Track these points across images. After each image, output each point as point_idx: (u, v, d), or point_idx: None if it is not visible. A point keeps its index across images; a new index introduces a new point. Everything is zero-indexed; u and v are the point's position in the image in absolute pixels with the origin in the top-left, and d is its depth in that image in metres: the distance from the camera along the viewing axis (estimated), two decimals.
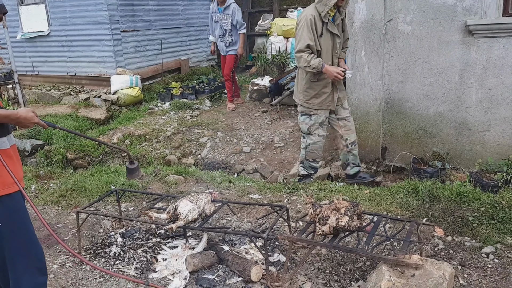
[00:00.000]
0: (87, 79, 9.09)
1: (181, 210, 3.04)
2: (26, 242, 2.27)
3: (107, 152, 6.26)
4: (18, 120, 2.19)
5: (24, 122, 2.20)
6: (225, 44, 7.23)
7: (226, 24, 7.08)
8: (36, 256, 2.33)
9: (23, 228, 2.25)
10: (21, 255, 2.24)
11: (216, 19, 7.17)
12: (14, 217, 2.20)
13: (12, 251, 2.21)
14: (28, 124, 2.23)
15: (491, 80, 4.26)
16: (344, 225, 2.68)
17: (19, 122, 2.21)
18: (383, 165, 4.94)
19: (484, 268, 2.87)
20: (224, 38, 7.21)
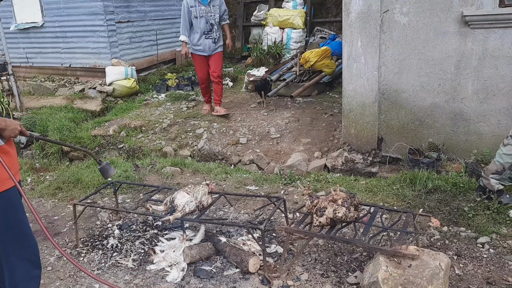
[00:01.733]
0: (82, 71, 9.02)
1: (178, 202, 3.05)
2: (20, 235, 2.28)
3: (103, 144, 6.24)
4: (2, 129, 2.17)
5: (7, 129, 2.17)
6: (213, 41, 6.35)
7: (213, 17, 6.28)
8: (29, 249, 2.34)
9: (17, 220, 2.26)
10: (15, 247, 2.25)
11: (199, 14, 6.22)
12: (8, 211, 2.21)
13: (6, 244, 2.22)
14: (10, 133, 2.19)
15: (487, 71, 4.26)
16: (341, 216, 2.69)
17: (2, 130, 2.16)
18: (379, 156, 4.96)
19: (480, 258, 2.90)
20: (211, 33, 6.31)
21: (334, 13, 10.34)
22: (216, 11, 6.29)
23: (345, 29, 4.77)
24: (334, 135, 5.66)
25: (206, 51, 6.35)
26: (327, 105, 6.72)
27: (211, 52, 6.37)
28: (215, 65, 6.42)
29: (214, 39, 6.33)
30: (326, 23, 10.33)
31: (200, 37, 6.28)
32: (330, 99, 7.04)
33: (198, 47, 6.33)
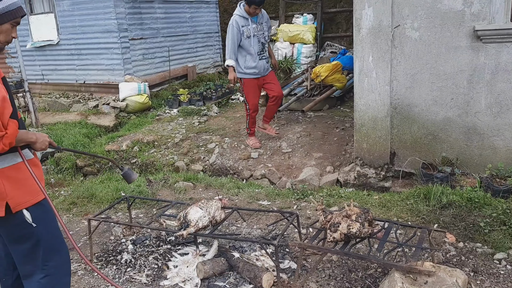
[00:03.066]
0: (96, 87, 9.17)
1: (191, 217, 3.06)
2: (58, 242, 2.37)
3: (117, 159, 6.31)
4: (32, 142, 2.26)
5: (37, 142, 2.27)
6: (267, 60, 5.79)
7: (263, 35, 5.73)
8: (65, 256, 2.43)
9: (55, 228, 2.36)
10: (54, 254, 2.34)
11: (253, 33, 5.60)
12: (47, 219, 2.31)
13: (46, 250, 2.29)
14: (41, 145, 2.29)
15: (500, 85, 4.25)
16: (355, 232, 2.68)
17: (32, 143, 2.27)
18: (392, 170, 4.93)
19: (497, 274, 2.85)
20: (264, 53, 5.73)
21: (345, 28, 10.41)
22: (265, 28, 5.79)
23: (356, 44, 4.80)
24: (346, 149, 5.65)
25: (261, 73, 5.76)
26: (338, 119, 6.72)
27: (265, 73, 5.79)
28: (276, 85, 5.91)
29: (266, 59, 5.80)
30: (336, 38, 10.39)
31: (255, 58, 5.65)
32: (341, 114, 7.04)
33: (253, 70, 5.66)
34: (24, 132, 2.24)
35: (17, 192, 2.19)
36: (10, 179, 2.17)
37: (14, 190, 2.18)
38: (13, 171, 2.20)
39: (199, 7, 10.41)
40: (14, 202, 2.19)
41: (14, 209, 2.19)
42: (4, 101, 2.05)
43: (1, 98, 2.03)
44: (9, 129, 2.06)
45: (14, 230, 2.23)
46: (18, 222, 2.21)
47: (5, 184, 2.15)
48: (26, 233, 2.23)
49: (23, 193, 2.21)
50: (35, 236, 2.25)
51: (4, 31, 2.16)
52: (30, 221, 2.21)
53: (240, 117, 7.43)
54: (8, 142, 2.07)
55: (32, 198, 2.26)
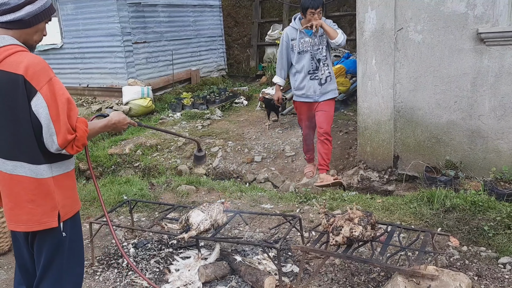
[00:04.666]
0: (99, 90, 9.20)
1: (193, 220, 3.05)
2: (81, 254, 2.34)
3: (119, 163, 6.31)
4: (113, 126, 2.28)
5: (119, 125, 2.29)
6: (319, 82, 4.71)
7: (321, 50, 4.70)
8: (83, 268, 2.40)
9: (80, 240, 2.33)
10: (76, 264, 2.30)
11: (304, 48, 4.71)
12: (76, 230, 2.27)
13: (70, 260, 2.25)
14: (123, 126, 2.32)
15: (504, 88, 4.22)
16: (358, 235, 2.66)
17: (114, 128, 2.29)
18: (396, 174, 4.90)
19: (501, 279, 2.82)
20: (317, 73, 4.71)
21: (348, 31, 10.40)
22: (323, 42, 4.72)
23: (359, 47, 4.80)
24: (349, 153, 5.63)
25: (311, 96, 4.75)
26: (341, 123, 6.71)
27: (317, 98, 4.76)
28: (322, 117, 4.76)
29: (320, 80, 4.71)
30: None
31: (304, 78, 4.74)
32: (345, 117, 7.03)
33: (300, 92, 4.79)
34: (94, 123, 2.19)
35: (66, 201, 2.13)
36: (62, 187, 2.11)
37: (64, 199, 2.12)
38: (66, 179, 2.14)
39: (202, 11, 10.44)
40: (63, 211, 2.12)
41: (62, 218, 2.12)
42: (69, 102, 2.00)
43: (67, 99, 1.98)
44: (78, 131, 2.00)
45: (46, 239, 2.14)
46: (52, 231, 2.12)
47: (57, 193, 2.08)
48: (56, 242, 2.15)
49: (69, 203, 2.16)
50: (63, 246, 2.18)
51: (40, 29, 2.12)
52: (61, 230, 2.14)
53: (243, 120, 7.42)
54: (81, 144, 2.02)
55: (74, 208, 2.21)
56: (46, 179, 2.04)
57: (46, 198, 2.05)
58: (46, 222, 2.07)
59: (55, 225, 2.09)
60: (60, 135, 1.95)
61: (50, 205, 2.07)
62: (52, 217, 2.07)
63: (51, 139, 1.96)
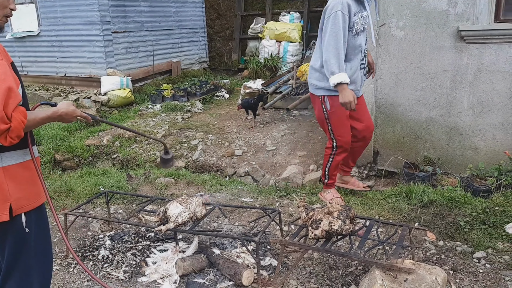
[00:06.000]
0: (77, 80, 8.99)
1: (171, 212, 3.00)
2: (48, 248, 2.24)
3: (97, 154, 6.18)
4: (59, 118, 2.11)
5: (66, 117, 2.13)
6: (364, 71, 3.73)
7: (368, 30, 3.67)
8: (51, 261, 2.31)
9: (47, 234, 2.24)
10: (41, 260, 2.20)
11: (364, 26, 3.53)
12: (42, 225, 2.17)
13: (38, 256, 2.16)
14: (71, 119, 2.16)
15: (482, 85, 4.28)
16: (337, 229, 2.66)
17: (61, 119, 2.12)
18: (375, 169, 4.94)
19: (476, 273, 2.86)
20: (364, 59, 3.68)
21: None
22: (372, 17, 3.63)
23: None
24: None
25: (357, 91, 3.70)
26: None
27: (359, 92, 3.77)
28: (367, 113, 3.96)
29: (364, 70, 3.72)
30: None
31: (357, 68, 3.58)
32: None
33: (350, 87, 3.46)
34: (35, 113, 2.00)
35: (21, 194, 2.01)
36: (15, 178, 1.99)
37: (18, 192, 2.00)
38: (20, 170, 2.02)
39: (184, 2, 10.30)
40: (17, 204, 2.00)
41: (15, 212, 2.00)
42: (10, 91, 1.84)
43: (6, 88, 1.82)
44: (14, 122, 1.85)
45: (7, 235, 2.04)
46: (12, 226, 2.02)
47: (9, 184, 1.96)
48: (19, 238, 2.05)
49: (26, 195, 2.04)
50: (27, 242, 2.08)
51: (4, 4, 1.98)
52: (24, 225, 2.04)
53: (224, 114, 7.36)
54: (15, 135, 1.86)
55: (34, 201, 2.09)
56: None
57: None
58: None
59: (6, 218, 1.97)
60: None
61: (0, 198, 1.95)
62: (1, 210, 1.96)
63: None
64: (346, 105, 3.41)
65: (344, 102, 3.39)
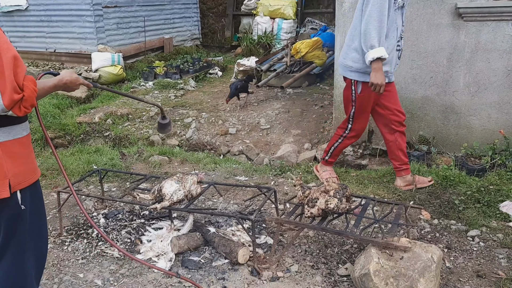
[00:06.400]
0: (67, 56, 8.81)
1: (166, 190, 2.97)
2: (43, 225, 2.20)
3: (88, 132, 6.11)
4: (64, 86, 2.15)
5: (71, 85, 2.16)
6: (399, 54, 3.54)
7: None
8: (46, 239, 2.28)
9: (42, 211, 2.19)
10: (39, 237, 2.17)
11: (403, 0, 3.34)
12: (37, 201, 2.13)
13: (32, 234, 2.11)
14: (75, 87, 2.19)
15: (479, 64, 4.25)
16: (333, 207, 2.65)
17: (66, 88, 2.16)
18: (370, 148, 4.93)
19: (470, 251, 2.89)
20: (400, 41, 3.50)
21: (326, 4, 10.27)
22: None
23: (338, 19, 4.71)
24: (324, 127, 5.62)
25: (390, 74, 3.52)
26: (317, 97, 6.67)
27: (391, 77, 3.56)
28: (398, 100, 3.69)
29: (400, 52, 3.53)
30: (317, 14, 10.25)
31: (393, 48, 3.39)
32: (321, 91, 6.99)
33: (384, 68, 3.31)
34: (43, 82, 2.03)
35: (18, 170, 1.96)
36: (12, 154, 1.94)
37: (15, 167, 1.95)
38: (17, 145, 1.96)
39: None
40: (15, 181, 1.96)
41: (13, 188, 1.95)
42: (16, 59, 1.80)
43: (12, 57, 1.78)
44: (26, 91, 1.82)
45: (2, 212, 1.99)
46: (7, 204, 1.97)
47: (6, 160, 1.91)
48: (14, 215, 2.00)
49: (23, 171, 1.99)
50: (22, 219, 2.04)
51: None
52: (19, 202, 1.99)
53: (218, 92, 7.29)
54: (29, 104, 1.84)
55: (30, 177, 2.05)
56: None
57: None
58: None
59: (7, 195, 1.93)
60: (5, 95, 1.76)
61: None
62: (1, 186, 1.91)
63: None
64: (376, 87, 3.22)
65: (376, 83, 3.21)
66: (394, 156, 3.69)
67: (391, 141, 3.66)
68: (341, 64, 3.56)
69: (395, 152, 3.66)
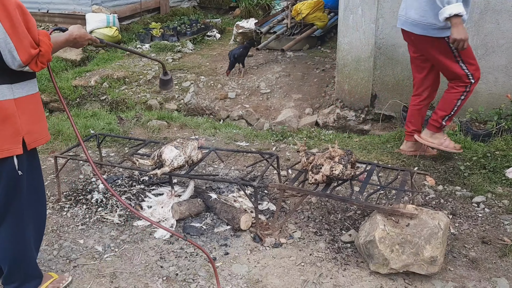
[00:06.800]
0: (60, 17, 8.52)
1: (166, 156, 2.89)
2: (41, 189, 2.18)
3: (84, 96, 5.97)
4: (74, 41, 2.11)
5: (80, 41, 2.12)
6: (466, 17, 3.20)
7: None
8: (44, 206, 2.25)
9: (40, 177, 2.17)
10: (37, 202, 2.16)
11: None
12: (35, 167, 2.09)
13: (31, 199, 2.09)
14: (83, 42, 2.15)
15: (488, 25, 4.10)
16: (338, 174, 2.59)
17: (75, 43, 2.12)
18: (372, 113, 4.84)
19: (475, 217, 2.86)
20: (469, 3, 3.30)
21: None
22: None
23: None
24: (325, 91, 5.50)
25: None
26: (318, 60, 6.50)
27: None
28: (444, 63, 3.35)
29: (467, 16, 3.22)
30: None
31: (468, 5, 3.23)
32: (322, 54, 6.81)
33: None
34: (55, 37, 1.99)
35: (32, 127, 1.94)
36: (26, 111, 1.91)
37: (30, 125, 1.92)
38: (30, 102, 1.93)
39: None
40: (31, 138, 1.93)
41: (29, 146, 1.93)
42: (24, 13, 1.76)
43: (17, 5, 1.74)
44: (43, 46, 1.81)
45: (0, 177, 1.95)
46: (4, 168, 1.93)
47: (21, 117, 1.88)
48: (12, 181, 1.96)
49: (37, 129, 1.97)
50: (20, 185, 2.00)
51: None
52: (16, 168, 1.94)
53: (216, 55, 7.09)
54: (46, 59, 1.85)
55: (44, 136, 2.02)
56: (5, 102, 1.84)
57: (5, 122, 1.85)
58: (9, 149, 1.88)
59: (20, 152, 1.90)
60: (22, 50, 1.75)
61: (11, 131, 1.87)
62: (14, 143, 1.88)
63: (11, 55, 1.75)
64: (459, 43, 3.01)
65: (459, 38, 2.98)
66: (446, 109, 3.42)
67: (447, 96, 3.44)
68: (423, 24, 3.22)
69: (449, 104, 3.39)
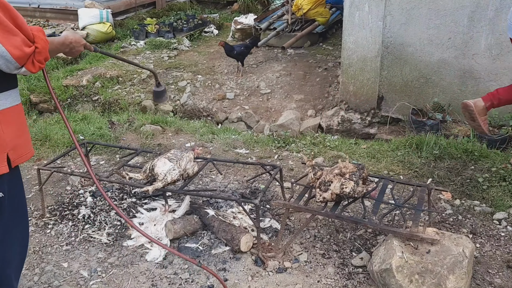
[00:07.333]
0: (52, 12, 8.22)
1: (159, 170, 2.63)
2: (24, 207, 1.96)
3: (76, 96, 5.69)
4: (70, 46, 1.99)
5: (75, 45, 2.01)
6: None
7: None
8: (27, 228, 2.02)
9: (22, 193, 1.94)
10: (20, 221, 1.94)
11: None
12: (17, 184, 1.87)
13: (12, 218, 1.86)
14: (79, 48, 2.04)
15: (504, 24, 3.83)
16: (349, 192, 2.33)
17: (71, 48, 2.00)
18: (379, 116, 4.58)
19: (497, 236, 2.61)
20: None
21: None
22: None
23: None
24: (328, 91, 5.24)
25: None
26: (320, 58, 6.23)
27: None
28: None
29: None
30: None
31: None
32: (324, 51, 6.54)
33: None
34: (50, 38, 1.83)
35: (17, 142, 1.71)
36: (11, 124, 1.68)
37: (14, 139, 1.70)
38: (15, 114, 1.71)
39: None
40: (16, 154, 1.71)
41: (13, 163, 1.71)
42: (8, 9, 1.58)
43: None
44: (39, 42, 1.61)
45: None
46: None
47: (5, 131, 1.65)
48: None
49: (22, 144, 1.75)
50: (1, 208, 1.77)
51: None
52: None
53: (214, 52, 6.81)
54: (44, 57, 1.66)
55: (28, 151, 1.80)
56: None
57: None
58: None
59: (6, 170, 1.67)
60: (14, 50, 1.54)
61: None
62: None
63: (4, 59, 1.54)
64: None
65: None
66: None
67: None
68: None
69: None
